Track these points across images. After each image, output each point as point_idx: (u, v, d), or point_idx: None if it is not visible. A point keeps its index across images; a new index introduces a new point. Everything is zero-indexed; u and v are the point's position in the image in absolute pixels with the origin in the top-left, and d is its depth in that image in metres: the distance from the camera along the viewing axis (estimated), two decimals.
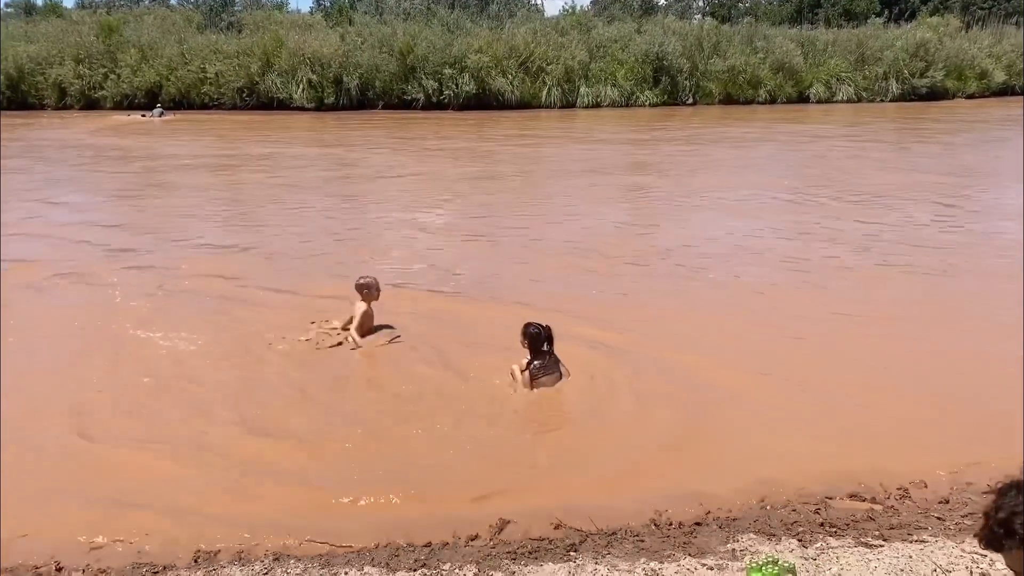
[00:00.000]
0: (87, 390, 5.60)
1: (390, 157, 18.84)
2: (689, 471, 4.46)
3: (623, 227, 10.87)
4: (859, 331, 6.60)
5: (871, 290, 7.70)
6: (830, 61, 35.86)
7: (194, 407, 5.30)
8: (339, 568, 3.51)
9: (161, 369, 5.93)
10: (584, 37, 35.30)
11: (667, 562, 3.49)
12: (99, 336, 6.64)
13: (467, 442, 4.82)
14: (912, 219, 10.88)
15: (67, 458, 4.67)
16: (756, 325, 6.77)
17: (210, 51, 33.53)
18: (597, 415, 5.17)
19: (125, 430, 4.99)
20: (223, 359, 6.13)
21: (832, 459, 4.56)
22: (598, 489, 4.29)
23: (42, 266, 8.85)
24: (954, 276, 8.20)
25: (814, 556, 3.50)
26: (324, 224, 11.18)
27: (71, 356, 6.24)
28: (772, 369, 5.85)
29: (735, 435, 4.88)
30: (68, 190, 14.55)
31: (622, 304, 7.39)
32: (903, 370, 5.81)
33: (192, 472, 4.49)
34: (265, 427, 5.02)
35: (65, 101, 34.16)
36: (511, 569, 3.45)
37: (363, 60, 32.10)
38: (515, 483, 4.37)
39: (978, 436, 4.79)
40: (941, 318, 6.96)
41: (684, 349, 6.26)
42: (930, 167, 16.23)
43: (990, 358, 5.99)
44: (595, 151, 19.72)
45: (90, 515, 4.07)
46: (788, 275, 8.30)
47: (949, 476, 4.33)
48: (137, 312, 7.24)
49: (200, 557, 3.69)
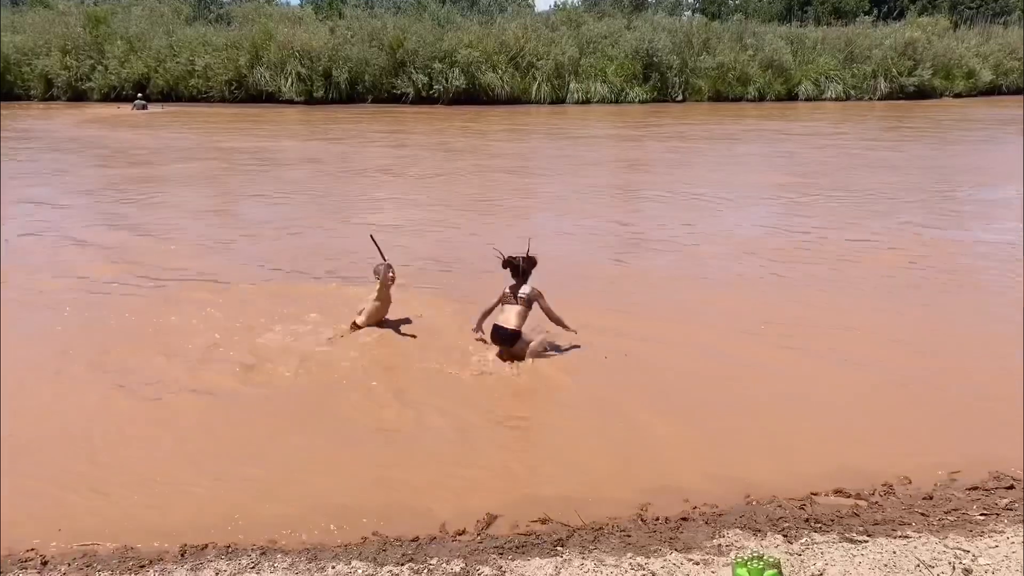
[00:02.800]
0: (76, 381, 5.58)
1: (378, 151, 18.80)
2: (674, 466, 4.48)
3: (620, 220, 10.89)
4: (842, 329, 6.64)
5: (855, 288, 7.75)
6: (819, 59, 36.07)
7: (181, 403, 5.29)
8: (326, 563, 3.51)
9: (148, 361, 5.91)
10: (574, 33, 35.37)
11: (653, 557, 3.50)
12: (86, 327, 6.62)
13: (453, 435, 4.83)
14: (910, 218, 10.95)
15: (53, 450, 4.65)
16: (741, 322, 6.80)
17: (199, 43, 33.42)
18: (582, 409, 5.18)
19: (114, 423, 4.97)
20: (215, 354, 6.11)
21: (817, 456, 4.59)
22: (584, 483, 4.30)
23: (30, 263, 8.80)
24: (950, 273, 8.23)
25: (799, 551, 3.52)
26: (311, 219, 11.16)
27: (63, 347, 6.21)
28: (758, 366, 5.88)
29: (720, 431, 4.89)
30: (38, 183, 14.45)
31: (612, 296, 7.41)
32: (887, 367, 5.84)
33: (178, 466, 4.48)
34: (252, 420, 5.01)
35: (52, 92, 33.94)
36: (498, 564, 3.46)
37: (353, 54, 32.05)
38: (501, 477, 4.38)
39: (962, 434, 4.83)
40: (929, 315, 7.01)
41: (671, 344, 6.29)
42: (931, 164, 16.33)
43: (979, 355, 6.03)
44: (588, 146, 19.73)
45: (75, 508, 4.06)
46: (776, 272, 8.33)
47: (933, 473, 4.37)
48: (129, 303, 7.21)
49: (187, 551, 3.68)
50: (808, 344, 6.29)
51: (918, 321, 6.85)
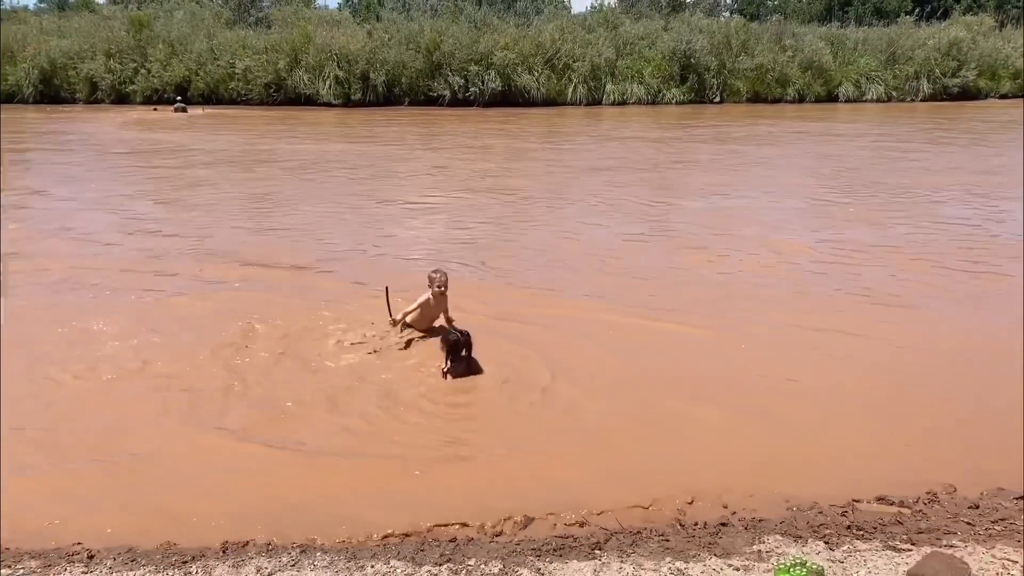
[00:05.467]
0: (121, 379, 5.68)
1: (417, 153, 18.91)
2: (713, 471, 4.44)
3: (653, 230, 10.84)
4: (887, 332, 6.53)
5: (900, 289, 7.63)
6: (860, 60, 35.49)
7: (220, 399, 5.36)
8: (365, 561, 3.54)
9: (187, 357, 6.00)
10: (611, 34, 35.20)
11: (693, 562, 3.48)
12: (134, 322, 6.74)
13: (493, 437, 4.84)
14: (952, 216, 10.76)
15: (100, 448, 4.74)
16: (782, 326, 6.73)
17: (239, 46, 33.78)
18: (619, 413, 5.16)
19: (155, 420, 5.06)
20: (245, 349, 6.19)
21: (859, 462, 4.53)
22: (621, 487, 4.28)
23: (64, 262, 8.98)
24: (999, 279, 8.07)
25: (841, 559, 3.47)
26: (353, 222, 11.25)
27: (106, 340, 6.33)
28: (800, 372, 5.81)
29: (760, 436, 4.85)
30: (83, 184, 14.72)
31: (656, 295, 7.37)
32: (932, 373, 5.75)
33: (220, 464, 4.54)
34: (292, 420, 5.06)
35: (96, 95, 34.58)
36: (536, 566, 3.45)
37: (390, 57, 32.21)
38: (537, 479, 4.37)
39: (1009, 442, 4.73)
40: (977, 319, 6.87)
41: (713, 347, 6.25)
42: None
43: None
44: (627, 148, 19.65)
45: (120, 504, 4.14)
46: (817, 275, 8.23)
47: (979, 481, 4.28)
48: (170, 305, 7.33)
49: (228, 547, 3.73)
50: (852, 352, 6.20)
51: (967, 330, 6.70)
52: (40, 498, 4.20)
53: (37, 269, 8.46)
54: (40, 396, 5.40)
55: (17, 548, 3.76)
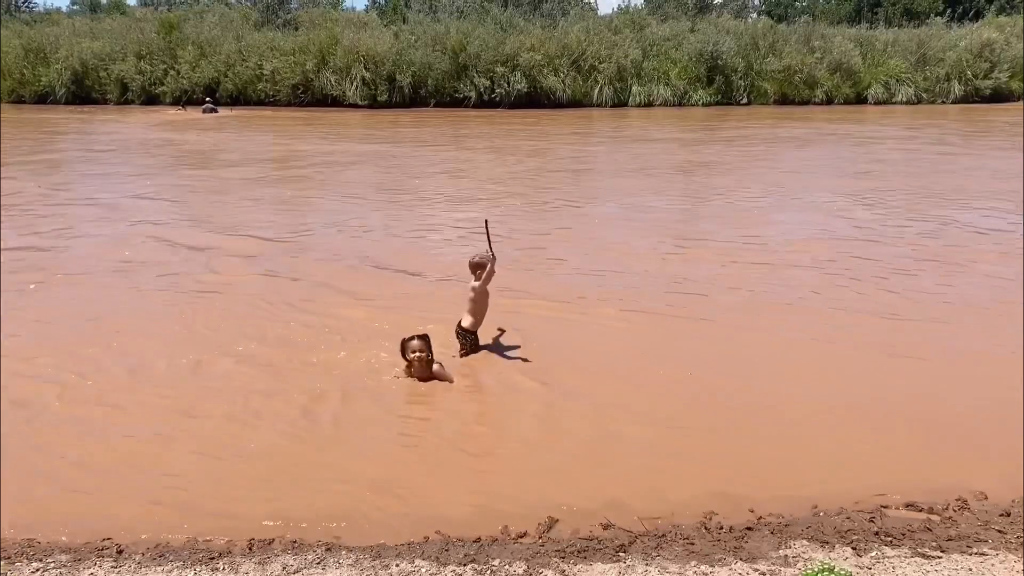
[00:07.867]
0: (148, 378, 5.75)
1: (445, 154, 18.97)
2: (739, 475, 4.41)
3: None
4: (914, 336, 6.46)
5: (931, 292, 7.53)
6: (889, 62, 35.10)
7: (243, 402, 5.41)
8: (390, 560, 3.55)
9: (213, 363, 6.06)
10: (637, 36, 35.10)
11: (718, 566, 3.46)
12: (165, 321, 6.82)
13: (515, 439, 4.84)
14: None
15: (128, 445, 4.80)
16: (811, 332, 6.67)
17: (267, 48, 34.11)
18: (645, 415, 5.14)
19: (184, 420, 5.12)
20: (283, 356, 6.24)
21: (888, 467, 4.47)
22: (646, 490, 4.27)
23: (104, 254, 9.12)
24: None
25: (869, 565, 3.43)
26: (382, 223, 11.32)
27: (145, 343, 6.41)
28: (825, 375, 5.76)
29: (786, 440, 4.81)
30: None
31: (682, 296, 7.34)
32: (960, 378, 5.67)
33: (247, 462, 4.58)
34: (319, 419, 5.10)
35: (127, 96, 35.07)
36: (561, 568, 3.45)
37: (416, 58, 32.36)
38: (562, 481, 4.37)
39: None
40: (1015, 325, 6.77)
41: (738, 349, 6.21)
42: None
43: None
44: (656, 149, 19.58)
45: (149, 501, 4.18)
46: (852, 280, 8.15)
47: (1010, 489, 4.21)
48: (199, 307, 7.42)
49: (255, 545, 3.76)
50: (882, 352, 6.13)
51: (1003, 337, 6.59)
52: (70, 493, 4.26)
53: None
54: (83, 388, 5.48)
55: (48, 542, 3.82)
